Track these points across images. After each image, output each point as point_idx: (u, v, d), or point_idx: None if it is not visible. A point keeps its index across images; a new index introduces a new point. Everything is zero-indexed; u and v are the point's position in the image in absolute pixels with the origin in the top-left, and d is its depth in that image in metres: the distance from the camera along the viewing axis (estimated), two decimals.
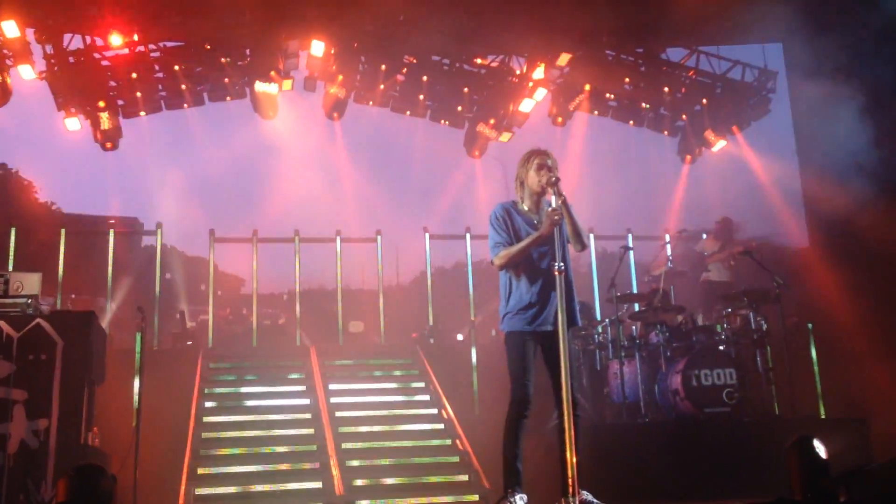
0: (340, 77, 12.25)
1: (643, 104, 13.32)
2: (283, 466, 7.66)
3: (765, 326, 8.58)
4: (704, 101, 13.15)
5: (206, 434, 8.16)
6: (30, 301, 6.89)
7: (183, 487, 7.04)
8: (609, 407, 8.93)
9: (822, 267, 10.15)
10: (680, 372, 8.10)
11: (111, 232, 11.62)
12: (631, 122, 13.70)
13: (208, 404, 8.82)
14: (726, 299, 9.22)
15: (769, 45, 12.97)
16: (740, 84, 13.05)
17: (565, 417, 4.57)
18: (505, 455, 5.03)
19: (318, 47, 11.72)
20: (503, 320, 5.24)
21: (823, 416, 8.60)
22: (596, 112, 13.52)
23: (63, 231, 11.26)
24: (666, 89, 13.06)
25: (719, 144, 13.24)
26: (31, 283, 7.18)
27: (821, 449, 5.22)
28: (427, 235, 12.25)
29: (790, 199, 11.09)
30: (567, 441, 4.52)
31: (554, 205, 4.88)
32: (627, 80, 13.05)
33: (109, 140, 11.81)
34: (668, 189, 13.57)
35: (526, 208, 5.27)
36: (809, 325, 8.89)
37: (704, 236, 11.49)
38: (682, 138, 13.82)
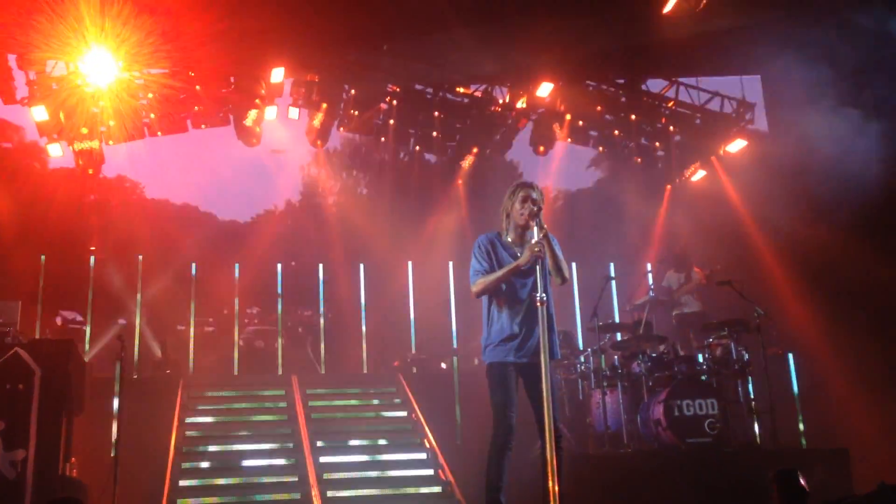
0: (325, 105, 12.30)
1: (622, 133, 13.43)
2: (264, 496, 7.58)
3: (746, 356, 8.62)
4: (683, 131, 13.30)
5: (186, 464, 8.07)
6: (9, 329, 6.81)
7: None
8: (591, 437, 8.92)
9: (798, 298, 10.23)
10: (662, 402, 8.11)
11: (91, 258, 11.54)
12: (601, 148, 13.82)
13: (188, 434, 8.73)
14: (706, 329, 9.28)
15: (747, 77, 13.18)
16: (719, 115, 13.21)
17: (548, 447, 4.56)
18: (488, 486, 5.01)
19: (301, 75, 11.77)
20: (485, 351, 5.23)
21: (804, 447, 8.63)
22: (570, 140, 13.64)
23: (42, 257, 11.16)
24: (645, 119, 13.20)
25: (699, 174, 13.37)
26: (9, 311, 7.12)
27: (802, 480, 5.27)
28: (410, 264, 12.29)
29: (765, 229, 11.15)
30: (549, 471, 4.52)
31: (536, 237, 4.91)
32: (603, 108, 13.16)
33: (91, 166, 11.76)
34: (649, 218, 13.64)
35: (510, 240, 5.28)
36: (790, 356, 8.94)
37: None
38: (662, 168, 13.95)
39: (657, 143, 13.67)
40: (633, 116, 13.12)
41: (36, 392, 6.75)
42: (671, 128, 13.38)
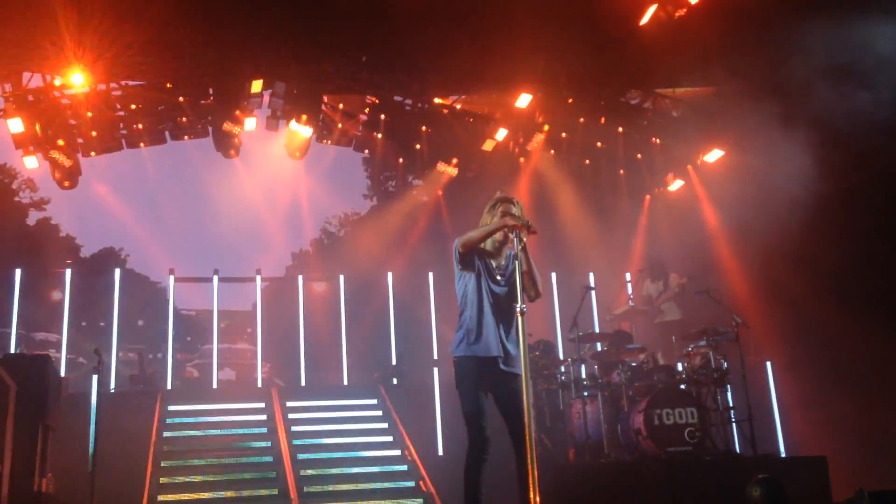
0: (305, 116, 12.30)
1: (601, 144, 13.50)
2: None
3: (724, 365, 8.68)
4: (660, 141, 13.38)
5: (164, 479, 8.00)
6: None
7: None
8: (572, 446, 8.94)
9: (774, 307, 10.32)
10: (642, 411, 8.14)
11: (68, 271, 11.42)
12: (587, 160, 13.89)
13: (166, 449, 8.65)
14: (685, 338, 9.33)
15: None
16: (696, 125, 13.28)
17: (528, 459, 4.55)
18: (466, 497, 4.99)
19: (280, 87, 11.77)
20: (455, 355, 5.18)
21: (783, 455, 8.69)
22: (552, 151, 13.69)
23: (18, 271, 11.04)
24: (622, 129, 13.27)
25: (676, 184, 13.47)
26: None
27: (780, 489, 5.31)
28: (390, 275, 12.28)
29: (740, 239, 11.23)
30: (531, 483, 4.51)
31: (516, 248, 4.89)
32: (585, 120, 13.23)
33: (68, 178, 11.68)
34: (628, 228, 13.72)
35: (490, 250, 5.28)
36: (768, 364, 9.01)
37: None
38: (641, 178, 14.03)
39: (639, 155, 13.74)
40: (620, 129, 13.18)
41: (11, 407, 6.66)
42: (653, 139, 13.45)
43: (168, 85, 11.49)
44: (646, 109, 13.47)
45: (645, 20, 10.30)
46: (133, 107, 11.59)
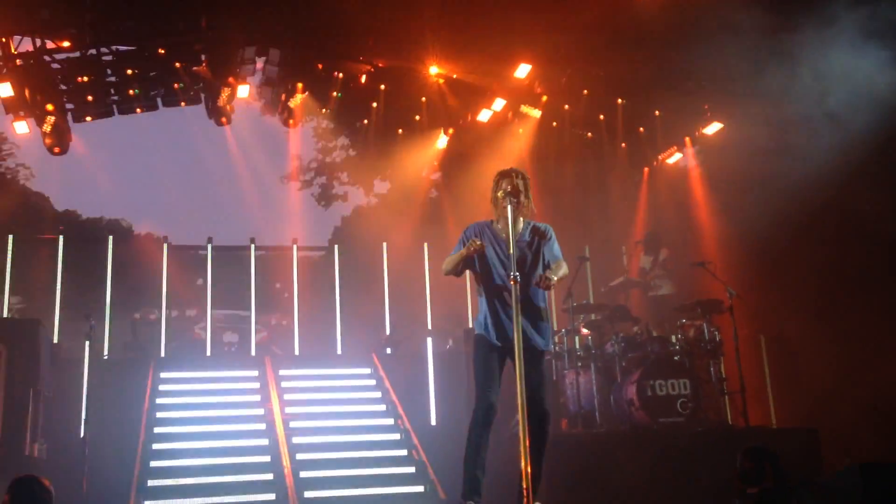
0: (300, 84, 12.18)
1: (600, 116, 13.38)
2: (237, 478, 7.52)
3: (718, 337, 8.69)
4: (658, 112, 13.26)
5: (157, 445, 7.98)
6: None
7: (132, 500, 6.87)
8: (565, 417, 8.96)
9: (769, 280, 10.30)
10: (635, 382, 8.16)
11: (60, 237, 11.34)
12: (589, 134, 13.78)
13: (159, 415, 8.64)
14: (679, 310, 9.33)
15: None
16: (697, 97, 13.16)
17: (520, 428, 4.56)
18: (465, 463, 5.00)
19: (274, 54, 11.62)
20: (476, 333, 5.28)
21: (775, 426, 8.72)
22: (555, 123, 13.57)
23: (11, 237, 10.95)
24: (620, 101, 13.15)
25: (675, 157, 13.38)
26: None
27: (774, 458, 5.31)
28: (385, 245, 12.24)
29: (735, 212, 11.16)
30: (522, 450, 4.52)
31: (521, 225, 5.09)
32: (586, 91, 13.10)
33: (58, 144, 11.52)
34: (627, 201, 13.64)
35: (500, 226, 5.28)
36: (761, 337, 9.01)
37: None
38: (640, 151, 13.93)
39: (641, 129, 13.63)
40: (620, 100, 13.04)
41: (2, 372, 6.65)
42: (655, 112, 13.32)
43: (161, 51, 11.32)
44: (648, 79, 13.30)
45: None
46: (125, 72, 11.42)
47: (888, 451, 8.33)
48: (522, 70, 12.14)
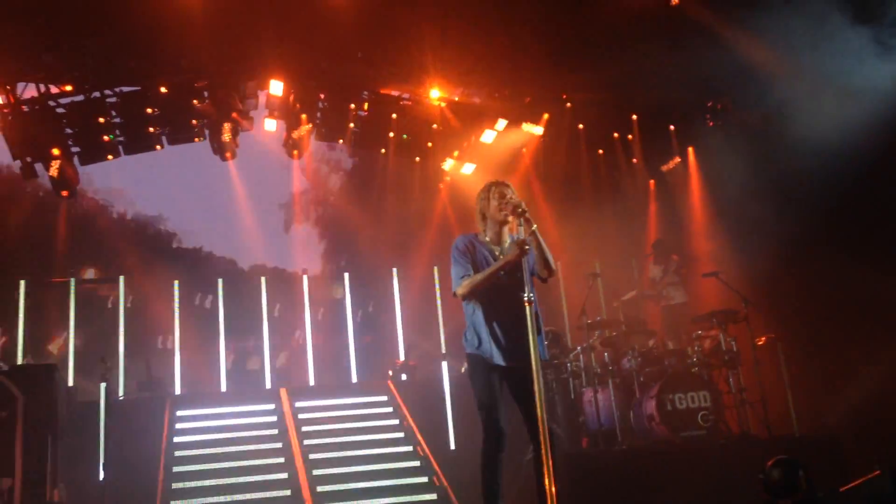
0: (304, 116, 12.24)
1: (617, 134, 13.32)
2: None
3: (735, 347, 8.62)
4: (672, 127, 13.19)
5: (177, 484, 7.95)
6: None
7: None
8: (585, 435, 8.89)
9: (782, 286, 10.21)
10: (654, 397, 8.10)
11: (72, 280, 11.39)
12: (600, 150, 13.75)
13: (178, 453, 8.61)
14: (694, 321, 9.28)
15: None
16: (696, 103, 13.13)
17: (542, 448, 4.49)
18: (484, 492, 4.94)
19: (276, 87, 11.70)
20: (468, 352, 5.14)
21: (797, 435, 8.63)
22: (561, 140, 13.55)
23: (22, 283, 11.00)
24: (636, 117, 13.11)
25: (673, 163, 13.26)
26: None
27: (800, 469, 5.23)
28: (395, 271, 12.22)
29: (740, 218, 11.08)
30: (546, 471, 4.45)
31: (523, 234, 4.82)
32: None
33: (66, 188, 11.62)
34: (635, 214, 13.60)
35: (488, 239, 5.21)
36: (779, 344, 8.93)
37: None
38: (647, 162, 13.87)
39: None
40: (635, 117, 13.03)
41: (20, 419, 6.64)
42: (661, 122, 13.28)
43: (163, 89, 11.41)
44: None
45: None
46: (129, 112, 11.51)
47: None
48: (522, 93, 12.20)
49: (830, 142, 8.89)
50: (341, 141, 13.02)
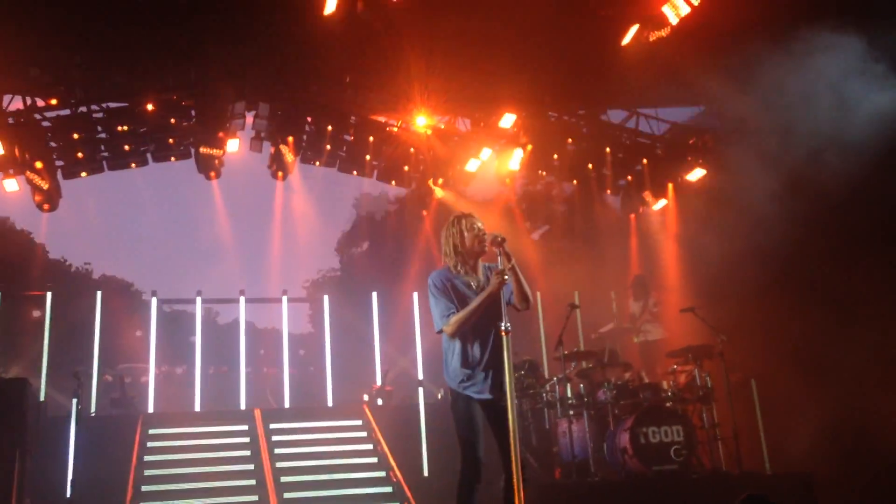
0: (291, 138, 12.28)
1: (588, 164, 13.51)
2: None
3: (709, 383, 8.68)
4: (645, 161, 13.45)
5: None
6: None
7: None
8: (558, 466, 8.89)
9: (757, 324, 10.32)
10: (628, 430, 8.12)
11: (48, 294, 11.28)
12: (574, 181, 13.93)
13: (147, 473, 8.52)
14: (670, 356, 9.34)
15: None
16: (679, 143, 13.37)
17: (514, 479, 4.50)
18: None
19: (264, 109, 11.76)
20: (449, 385, 5.16)
21: (769, 472, 8.67)
22: (543, 172, 13.72)
23: None
24: (608, 149, 13.33)
25: (660, 203, 13.50)
26: None
27: None
28: (375, 295, 12.22)
29: (719, 257, 11.22)
30: (517, 500, 4.45)
31: (500, 265, 4.85)
32: (570, 140, 13.28)
33: (48, 202, 11.57)
34: (615, 247, 13.71)
35: (463, 273, 5.21)
36: (753, 382, 9.01)
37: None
38: (626, 197, 14.08)
39: (629, 177, 13.79)
40: (608, 149, 13.23)
41: None
42: (633, 157, 13.52)
43: (150, 107, 11.42)
44: (629, 129, 13.55)
45: (626, 40, 10.39)
46: (115, 128, 11.51)
47: (883, 495, 8.29)
48: (507, 120, 12.33)
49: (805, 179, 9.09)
50: (317, 163, 13.03)
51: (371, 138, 12.86)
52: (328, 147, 12.67)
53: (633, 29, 10.31)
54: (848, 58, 8.93)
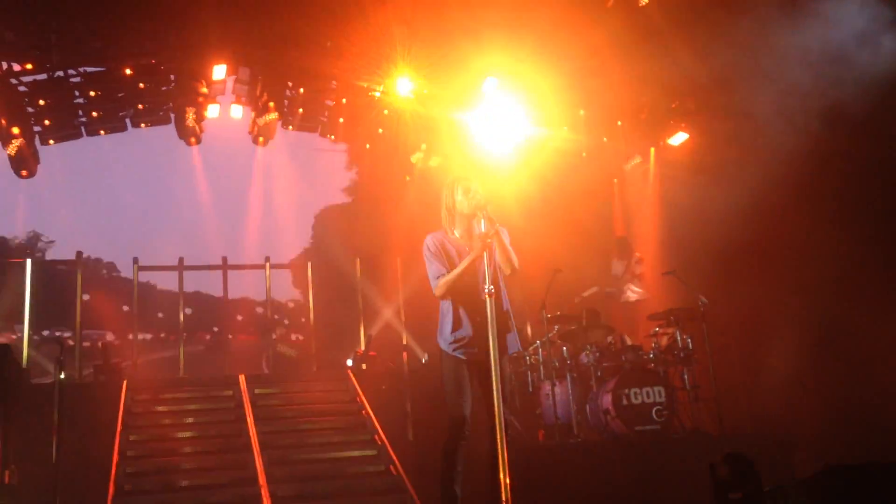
0: (272, 104, 12.16)
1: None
2: (213, 499, 7.46)
3: (690, 345, 8.76)
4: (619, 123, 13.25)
5: (131, 468, 7.89)
6: None
7: None
8: (542, 428, 8.98)
9: (739, 286, 10.39)
10: (610, 391, 8.21)
11: (28, 261, 11.22)
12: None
13: (133, 437, 8.54)
14: (652, 318, 9.41)
15: None
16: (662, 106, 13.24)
17: (498, 441, 4.55)
18: (442, 479, 5.00)
19: (244, 73, 11.61)
20: (439, 344, 5.24)
21: (749, 432, 8.80)
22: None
23: None
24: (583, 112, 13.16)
25: (635, 162, 13.35)
26: None
27: (748, 464, 5.36)
28: (358, 261, 12.23)
29: (700, 220, 11.26)
30: (500, 463, 4.51)
31: (484, 228, 4.89)
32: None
33: (25, 168, 11.42)
34: (598, 210, 13.70)
35: (458, 235, 5.26)
36: (733, 342, 9.10)
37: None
38: (606, 160, 13.93)
39: (604, 139, 13.67)
40: (581, 112, 13.11)
41: None
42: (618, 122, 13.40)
43: (128, 71, 11.26)
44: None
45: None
46: (92, 94, 11.35)
47: (861, 454, 8.43)
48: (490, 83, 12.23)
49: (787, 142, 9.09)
50: (290, 128, 12.91)
51: (352, 103, 12.74)
52: (305, 111, 12.53)
53: None
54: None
